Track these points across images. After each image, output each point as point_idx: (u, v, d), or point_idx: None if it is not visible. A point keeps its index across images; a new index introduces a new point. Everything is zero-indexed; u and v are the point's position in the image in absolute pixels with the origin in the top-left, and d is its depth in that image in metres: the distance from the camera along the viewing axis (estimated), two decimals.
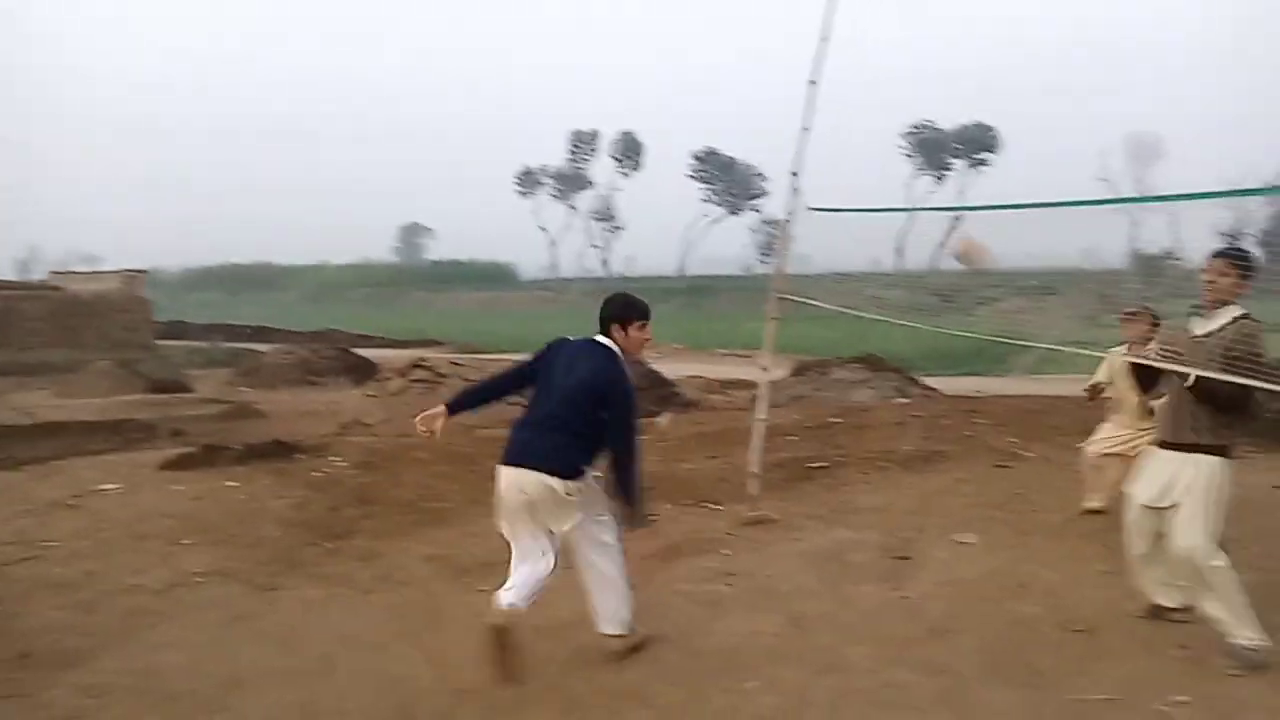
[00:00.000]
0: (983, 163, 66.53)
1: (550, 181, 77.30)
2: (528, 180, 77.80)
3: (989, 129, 65.82)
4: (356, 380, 16.55)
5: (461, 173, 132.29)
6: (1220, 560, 3.63)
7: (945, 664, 3.71)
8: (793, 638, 4.03)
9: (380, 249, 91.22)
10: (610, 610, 3.76)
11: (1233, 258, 3.78)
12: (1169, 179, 59.99)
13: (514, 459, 3.64)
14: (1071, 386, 12.99)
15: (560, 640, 4.04)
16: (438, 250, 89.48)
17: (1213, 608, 3.64)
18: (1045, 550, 5.13)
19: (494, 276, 72.84)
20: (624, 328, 3.72)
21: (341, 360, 19.26)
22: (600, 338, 3.75)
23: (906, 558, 5.08)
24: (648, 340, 3.78)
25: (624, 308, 3.78)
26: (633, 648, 3.82)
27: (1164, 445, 3.92)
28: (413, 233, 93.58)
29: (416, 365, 10.55)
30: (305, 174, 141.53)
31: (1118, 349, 5.62)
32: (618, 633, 3.78)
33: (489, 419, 10.11)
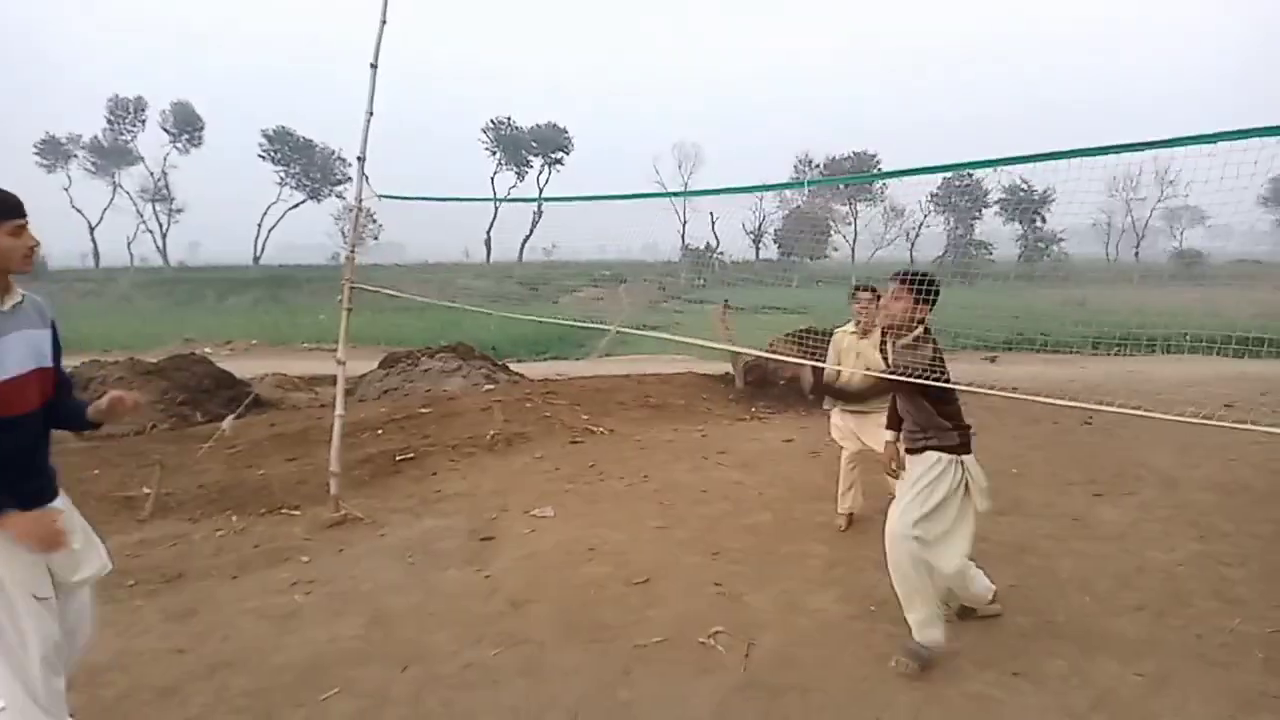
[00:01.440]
0: (559, 161, 70.76)
1: (84, 154, 65.24)
2: (53, 151, 64.73)
3: (562, 129, 70.23)
4: None
5: None
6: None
7: (524, 634, 3.90)
8: (375, 637, 3.92)
9: None
10: None
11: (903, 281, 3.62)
12: (709, 182, 70.35)
13: None
14: (634, 366, 14.50)
15: (101, 684, 3.48)
16: None
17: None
18: (611, 514, 5.64)
19: None
20: None
21: None
22: None
23: (490, 538, 5.23)
24: (33, 246, 2.53)
25: None
26: None
27: None
28: None
29: None
30: None
31: (845, 328, 5.30)
32: None
33: None
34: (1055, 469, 6.75)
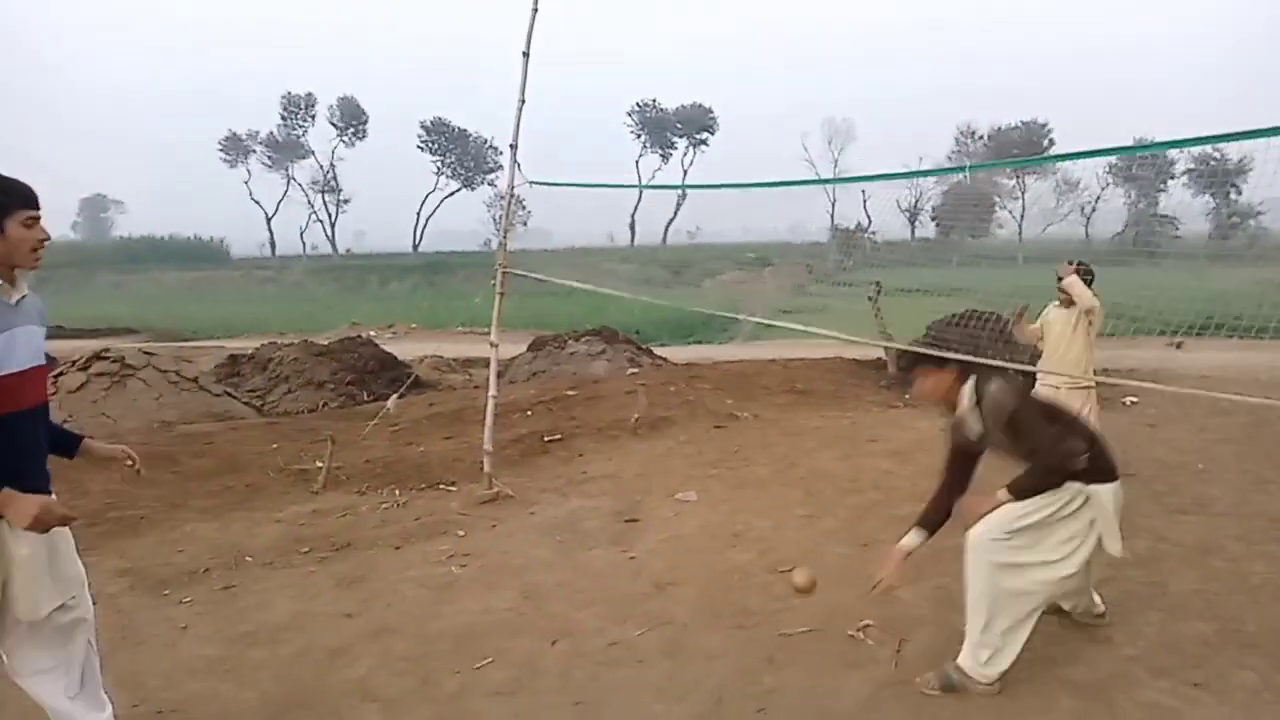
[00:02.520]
0: (703, 142, 70.48)
1: (261, 149, 70.67)
2: (234, 147, 70.40)
3: (708, 109, 69.88)
4: None
5: (153, 139, 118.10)
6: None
7: (668, 616, 3.93)
8: (525, 610, 4.06)
9: (56, 224, 79.18)
10: None
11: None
12: (860, 159, 67.87)
13: None
14: (780, 350, 14.26)
15: (280, 642, 3.77)
16: (128, 226, 79.42)
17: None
18: (756, 501, 5.58)
19: (201, 254, 65.37)
20: None
21: None
22: None
23: (635, 520, 5.30)
24: (43, 240, 2.44)
25: None
26: None
27: None
28: (97, 206, 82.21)
29: (99, 356, 9.25)
30: None
31: (1054, 304, 5.73)
32: None
33: (192, 414, 9.20)
34: (1248, 465, 6.13)
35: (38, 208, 2.43)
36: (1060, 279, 5.60)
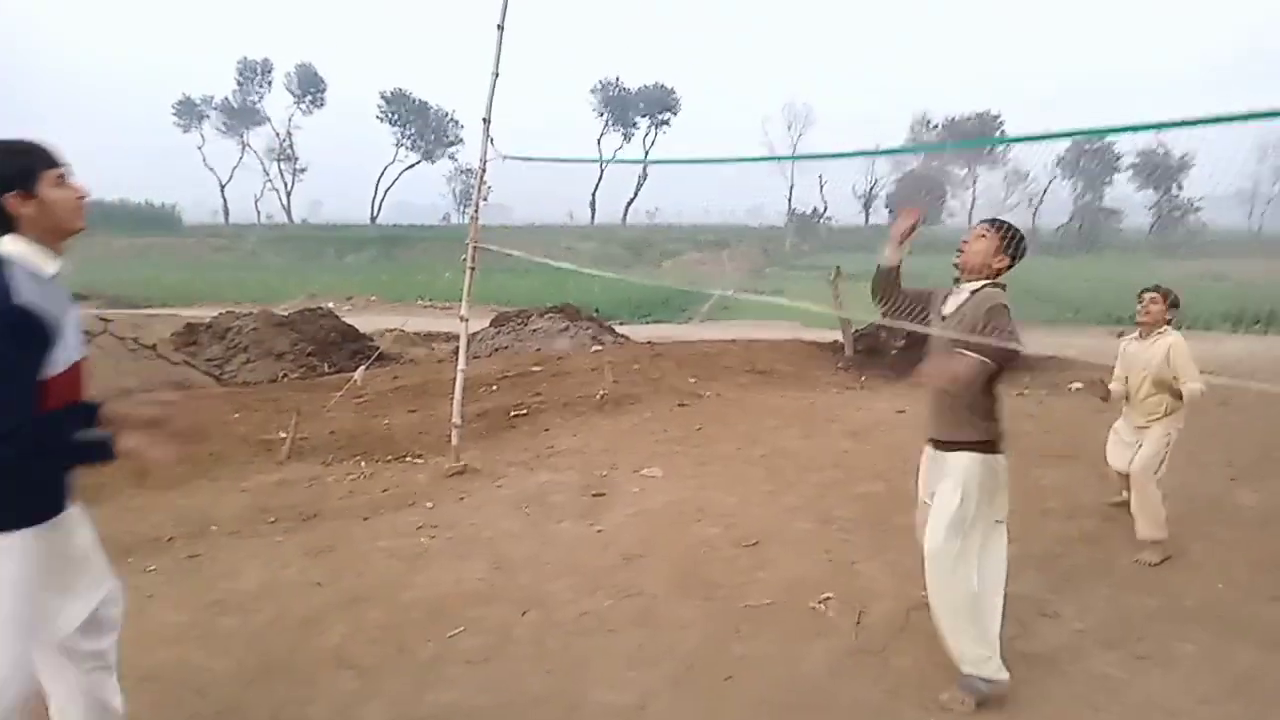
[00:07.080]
0: (665, 123, 70.18)
1: (216, 114, 68.77)
2: (188, 111, 68.48)
3: (670, 90, 69.56)
4: None
5: (101, 102, 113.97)
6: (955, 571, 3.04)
7: (637, 587, 4.02)
8: (496, 581, 4.12)
9: None
10: None
11: (993, 224, 3.26)
12: (819, 145, 68.33)
13: None
14: (738, 331, 14.43)
15: (250, 611, 3.79)
16: None
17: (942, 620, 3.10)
18: (720, 477, 5.70)
19: (152, 220, 63.26)
20: (30, 196, 2.02)
21: None
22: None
23: (601, 494, 5.38)
24: (82, 196, 2.12)
25: (14, 161, 2.04)
26: None
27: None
28: None
29: None
30: None
31: (1129, 338, 4.90)
32: None
33: (151, 382, 9.03)
34: (1189, 449, 6.40)
35: (62, 163, 2.11)
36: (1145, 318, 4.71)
